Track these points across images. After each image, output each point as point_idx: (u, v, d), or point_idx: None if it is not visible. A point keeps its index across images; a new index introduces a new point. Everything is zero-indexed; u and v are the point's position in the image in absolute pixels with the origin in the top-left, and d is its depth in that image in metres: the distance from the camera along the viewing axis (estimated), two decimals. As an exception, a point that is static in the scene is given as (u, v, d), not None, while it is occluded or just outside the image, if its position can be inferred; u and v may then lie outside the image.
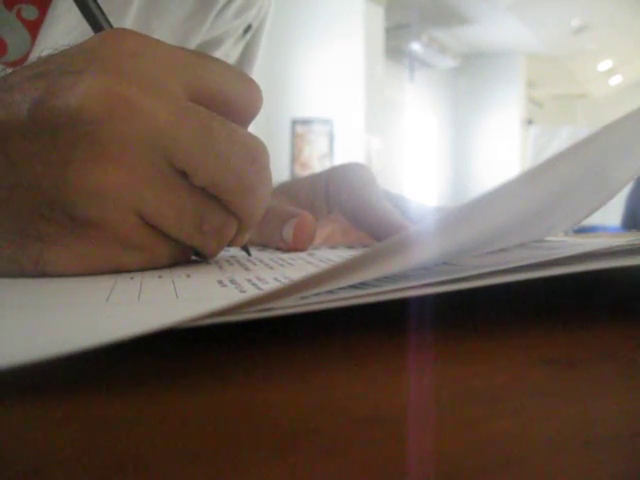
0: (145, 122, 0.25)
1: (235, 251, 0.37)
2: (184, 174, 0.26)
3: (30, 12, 0.40)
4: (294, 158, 4.33)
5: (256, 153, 0.27)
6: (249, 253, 0.35)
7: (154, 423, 0.11)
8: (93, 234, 0.25)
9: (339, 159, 4.15)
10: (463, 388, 0.13)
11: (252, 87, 0.29)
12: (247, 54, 0.58)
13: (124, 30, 0.27)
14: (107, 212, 0.25)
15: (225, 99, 0.28)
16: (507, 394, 0.12)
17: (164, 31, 0.47)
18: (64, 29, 0.40)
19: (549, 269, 0.17)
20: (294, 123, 4.28)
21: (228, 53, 0.56)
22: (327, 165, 4.16)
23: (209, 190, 0.27)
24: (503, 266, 0.18)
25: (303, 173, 4.20)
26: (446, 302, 0.19)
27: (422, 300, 0.17)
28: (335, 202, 0.42)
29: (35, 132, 0.24)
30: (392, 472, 0.09)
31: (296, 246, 0.38)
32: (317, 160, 4.30)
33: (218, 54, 0.54)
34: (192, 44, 0.50)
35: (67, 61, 0.25)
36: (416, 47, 5.39)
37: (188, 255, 0.30)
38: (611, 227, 3.03)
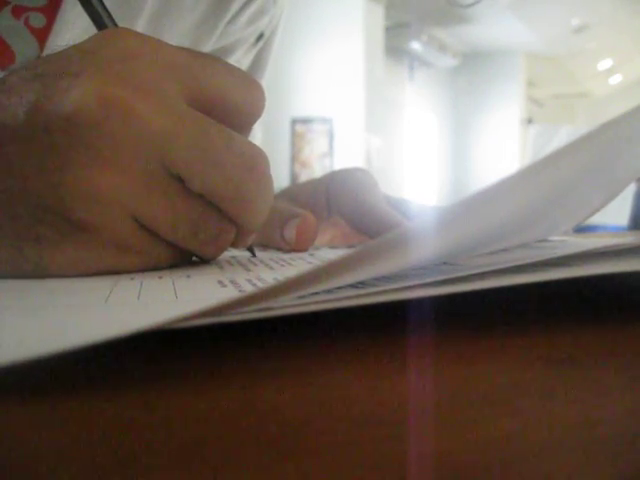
0: (140, 127, 0.24)
1: (236, 251, 0.37)
2: (181, 180, 0.26)
3: (38, 20, 0.40)
4: (294, 157, 4.33)
5: (254, 162, 0.27)
6: (254, 253, 0.34)
7: (154, 423, 0.11)
8: (90, 237, 0.25)
9: (339, 158, 4.16)
10: (463, 388, 0.13)
11: (254, 90, 0.29)
12: (258, 62, 0.58)
13: (123, 30, 0.27)
14: (103, 216, 0.25)
15: (225, 103, 0.27)
16: (507, 394, 0.12)
17: (175, 37, 0.46)
18: (72, 36, 0.40)
19: (550, 272, 0.17)
20: (294, 122, 4.28)
21: (240, 61, 0.56)
22: (327, 164, 4.16)
23: (206, 197, 0.26)
24: (503, 265, 0.18)
25: (303, 172, 4.21)
26: (446, 301, 0.19)
27: (422, 299, 0.17)
28: (335, 206, 0.42)
29: (31, 135, 0.24)
30: (392, 472, 0.09)
31: (298, 247, 0.38)
32: (317, 159, 4.30)
33: (230, 62, 0.53)
34: (203, 51, 0.50)
35: (64, 62, 0.25)
36: (416, 46, 5.39)
37: (188, 257, 0.30)
38: (611, 226, 3.03)
